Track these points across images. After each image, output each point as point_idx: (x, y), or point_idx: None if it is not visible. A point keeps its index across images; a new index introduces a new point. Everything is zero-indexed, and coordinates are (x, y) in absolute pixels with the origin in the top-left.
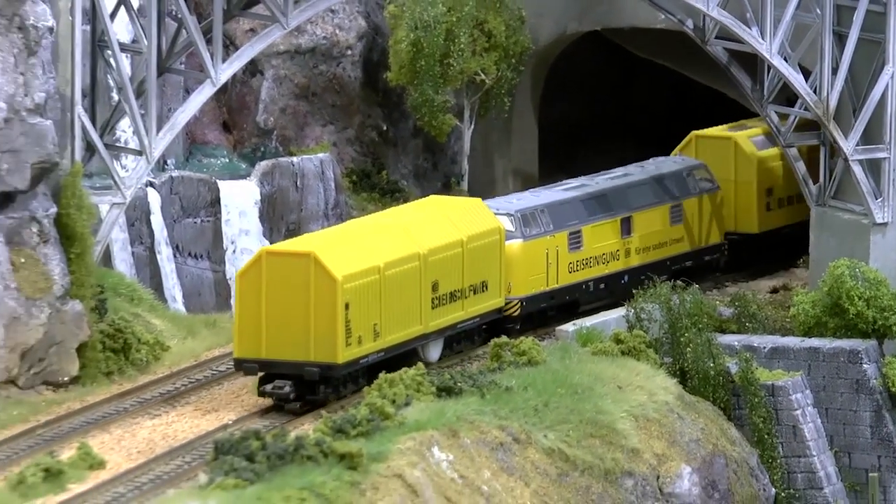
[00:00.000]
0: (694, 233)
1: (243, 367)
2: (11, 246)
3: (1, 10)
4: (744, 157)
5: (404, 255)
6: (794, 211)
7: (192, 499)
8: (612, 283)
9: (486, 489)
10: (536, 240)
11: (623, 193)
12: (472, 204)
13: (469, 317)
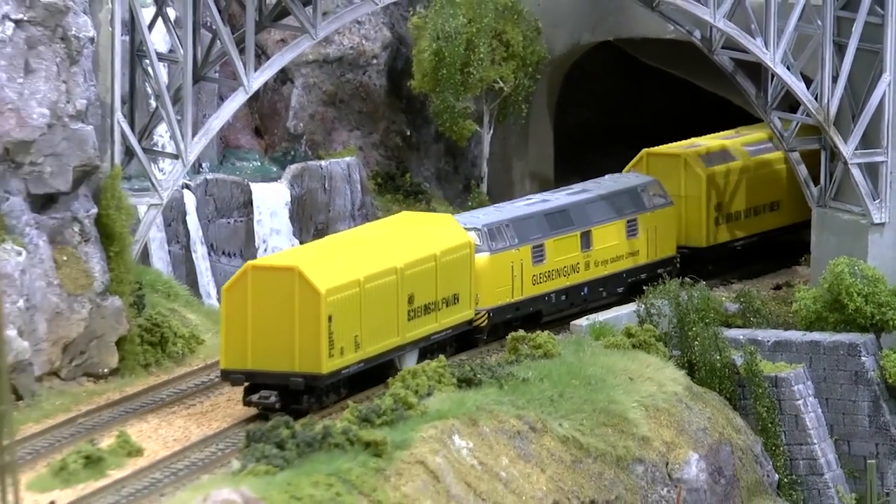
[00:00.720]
0: (648, 246)
1: (230, 377)
2: (54, 245)
3: (44, 21)
4: (693, 173)
5: (383, 269)
6: (743, 226)
7: (225, 484)
8: (572, 294)
9: (504, 475)
10: (502, 253)
11: (583, 209)
12: (443, 219)
13: (442, 328)
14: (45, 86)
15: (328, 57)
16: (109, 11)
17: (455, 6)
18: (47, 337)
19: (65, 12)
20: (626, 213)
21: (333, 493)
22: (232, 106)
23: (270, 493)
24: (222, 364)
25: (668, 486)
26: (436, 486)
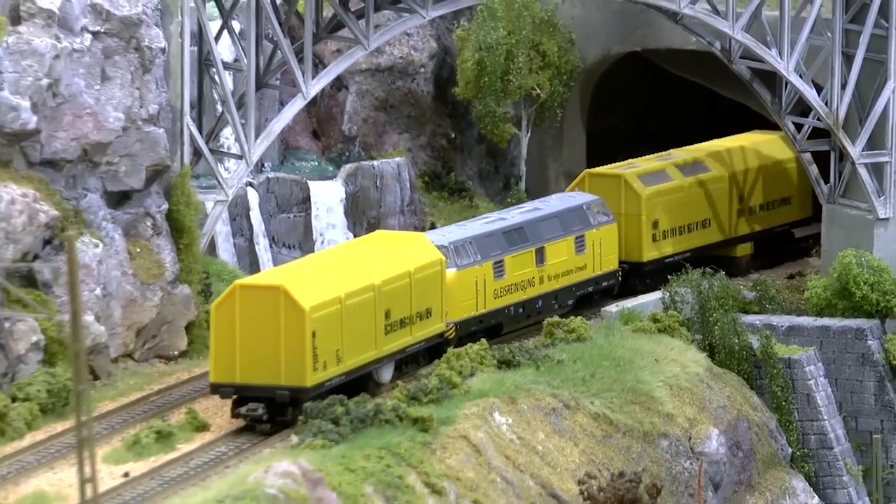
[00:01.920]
0: (594, 261)
1: (219, 390)
2: (129, 238)
3: (119, 33)
4: (632, 192)
5: (361, 287)
6: (677, 242)
7: (284, 457)
8: (528, 307)
9: (541, 448)
10: (467, 269)
11: (536, 226)
12: (415, 238)
13: (416, 341)
14: (121, 92)
15: (380, 66)
16: (179, 24)
17: (496, 19)
18: (122, 322)
19: (138, 25)
20: (575, 230)
21: (384, 465)
22: (291, 111)
23: (326, 465)
24: (212, 378)
25: (691, 458)
26: (478, 459)
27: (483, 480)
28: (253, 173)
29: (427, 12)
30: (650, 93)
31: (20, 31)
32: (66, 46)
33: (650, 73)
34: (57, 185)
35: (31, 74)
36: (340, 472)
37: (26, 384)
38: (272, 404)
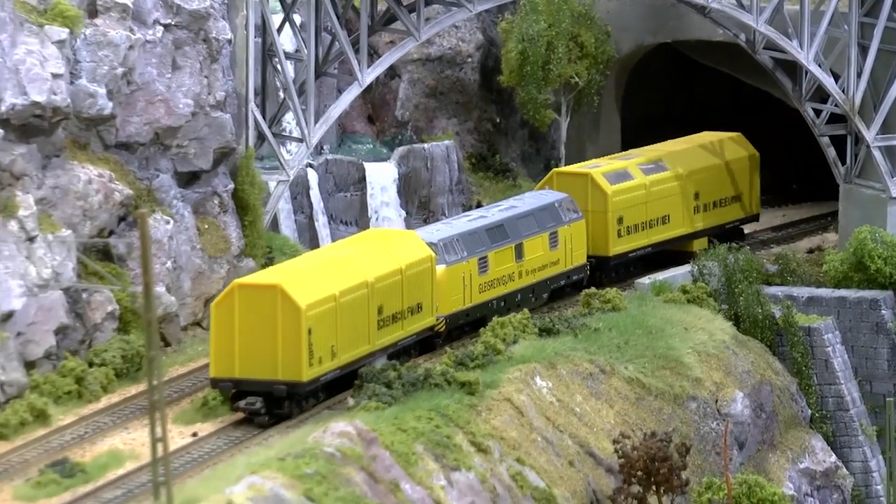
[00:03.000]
0: (566, 256)
1: (219, 385)
2: (197, 215)
3: (189, 25)
4: (598, 190)
5: (355, 284)
6: (640, 237)
7: (342, 419)
8: (509, 300)
9: (578, 410)
10: (455, 265)
11: (515, 223)
12: (406, 235)
13: (408, 335)
14: (190, 80)
15: (430, 56)
16: (244, 17)
17: (537, 13)
18: (191, 293)
19: (206, 18)
20: (549, 227)
21: (433, 425)
22: (348, 97)
23: (380, 425)
24: (212, 373)
25: (717, 419)
26: (520, 420)
27: (525, 440)
28: (313, 155)
29: (474, 6)
30: (679, 81)
31: (97, 24)
32: (139, 38)
33: (680, 63)
34: (131, 167)
35: (107, 64)
36: (393, 431)
37: (102, 350)
38: (270, 398)
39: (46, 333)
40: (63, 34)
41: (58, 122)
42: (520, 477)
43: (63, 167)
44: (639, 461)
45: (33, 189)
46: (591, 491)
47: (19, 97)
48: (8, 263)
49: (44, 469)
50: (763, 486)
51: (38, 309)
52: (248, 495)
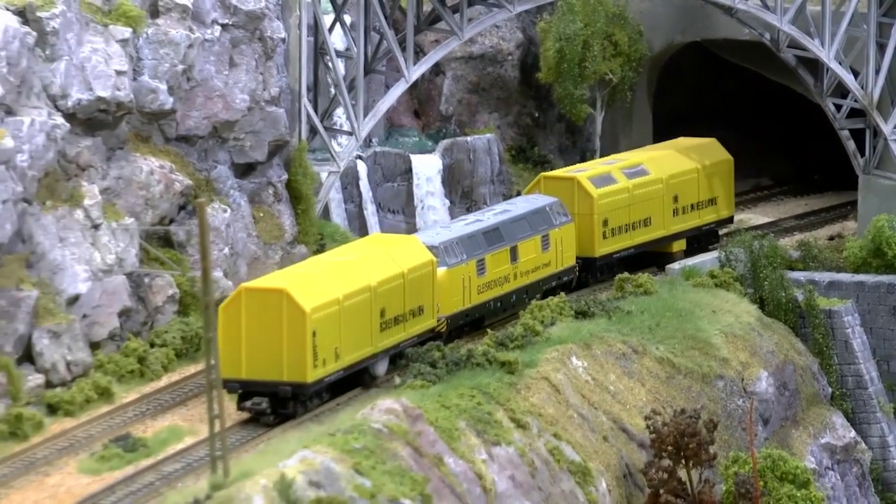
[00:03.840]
0: (556, 258)
1: (226, 386)
2: (253, 204)
3: (245, 25)
4: (584, 194)
5: (359, 288)
6: (623, 239)
7: (389, 396)
8: (505, 301)
9: (612, 388)
10: (456, 267)
11: (510, 227)
12: (408, 240)
13: (409, 337)
14: (246, 77)
15: (472, 54)
16: (298, 17)
17: (574, 13)
18: (247, 277)
19: (262, 18)
20: (541, 230)
21: (475, 402)
22: (395, 93)
23: (424, 402)
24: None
25: (743, 397)
26: (557, 397)
27: (562, 416)
28: (362, 148)
29: (514, 7)
30: (708, 77)
31: (158, 24)
32: (198, 37)
33: (708, 61)
34: (190, 158)
35: (167, 61)
36: (437, 408)
37: (163, 332)
38: (275, 399)
39: (110, 316)
40: (126, 33)
41: (121, 116)
42: (557, 451)
43: (126, 159)
44: (669, 436)
45: (98, 179)
46: (623, 464)
47: (85, 93)
48: (74, 250)
49: (107, 444)
50: (786, 460)
51: (102, 293)
52: (300, 469)
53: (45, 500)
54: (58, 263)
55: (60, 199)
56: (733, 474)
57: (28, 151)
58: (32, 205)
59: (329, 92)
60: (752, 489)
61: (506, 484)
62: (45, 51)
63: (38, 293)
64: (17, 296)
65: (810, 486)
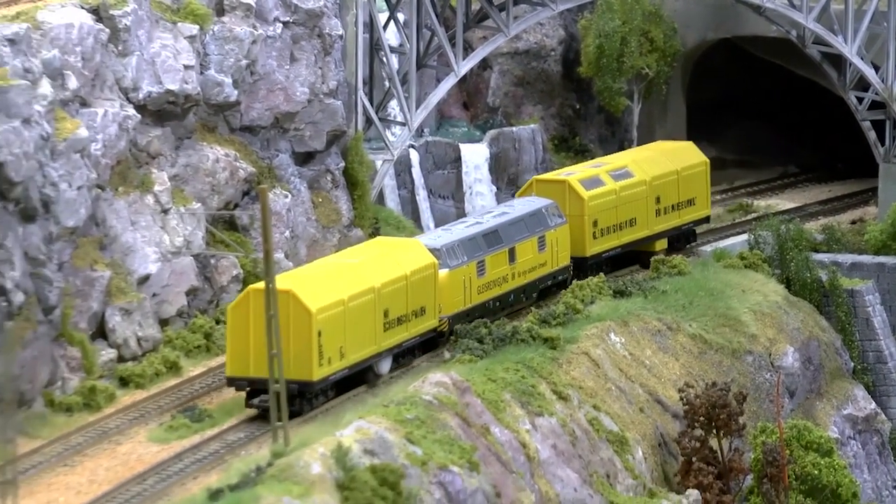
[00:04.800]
0: (552, 258)
1: (235, 383)
2: (312, 190)
3: (305, 22)
4: (575, 196)
5: (363, 289)
6: (611, 239)
7: (438, 370)
8: (503, 300)
9: (648, 362)
10: (457, 269)
11: (508, 229)
12: (411, 243)
13: (411, 336)
14: (306, 71)
15: (518, 49)
16: (354, 15)
17: (613, 12)
18: (307, 259)
19: (321, 16)
20: (537, 231)
21: (519, 376)
22: (446, 86)
23: (472, 376)
24: (228, 372)
25: (771, 371)
26: (596, 371)
27: (601, 389)
28: (414, 137)
29: (556, 5)
30: (738, 72)
31: (224, 21)
32: (261, 33)
33: (738, 56)
34: (253, 147)
35: (232, 56)
36: (484, 381)
37: None
38: None
39: (178, 294)
40: (194, 30)
41: (189, 107)
42: (596, 422)
43: (194, 147)
44: (701, 408)
45: (167, 167)
46: (658, 434)
47: (155, 86)
48: (145, 233)
49: (175, 414)
50: (811, 430)
51: (171, 273)
52: (355, 437)
53: (116, 467)
54: (129, 245)
55: (132, 186)
56: (761, 443)
57: (102, 141)
58: (106, 191)
59: (384, 85)
60: (778, 457)
61: (548, 452)
62: (117, 46)
63: (111, 273)
64: (91, 276)
65: (833, 454)
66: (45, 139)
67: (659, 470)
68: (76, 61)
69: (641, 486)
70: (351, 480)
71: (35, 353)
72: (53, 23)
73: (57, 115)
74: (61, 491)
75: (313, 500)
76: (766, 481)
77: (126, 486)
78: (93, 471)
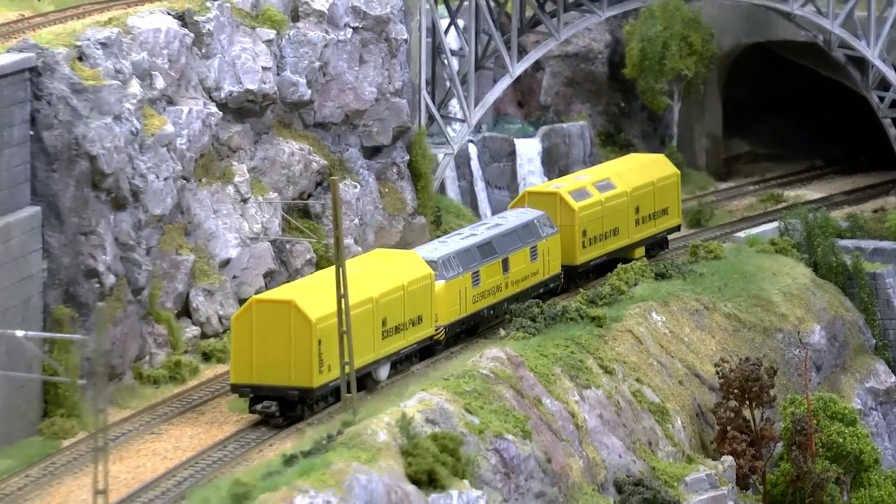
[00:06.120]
0: (544, 267)
1: (238, 390)
2: (379, 181)
3: (373, 27)
4: (566, 207)
5: (362, 299)
6: (598, 247)
7: (495, 346)
8: (497, 309)
9: (687, 339)
10: (453, 280)
11: (502, 240)
12: (409, 255)
13: (409, 344)
14: (374, 72)
15: (568, 53)
16: (418, 21)
17: (655, 18)
18: (374, 244)
19: (387, 22)
20: (529, 242)
21: (569, 351)
22: (501, 86)
23: (525, 351)
24: (232, 379)
25: (799, 347)
26: (639, 347)
27: (643, 363)
28: (473, 133)
29: (603, 12)
30: (769, 73)
31: (298, 26)
32: (333, 38)
33: (769, 58)
34: (325, 142)
35: (306, 59)
36: (536, 357)
37: None
38: (283, 402)
39: (257, 276)
40: (271, 35)
41: (266, 105)
42: (639, 393)
43: (271, 142)
44: (735, 381)
45: (247, 160)
46: (696, 405)
47: (235, 86)
48: (226, 220)
49: None
50: (836, 401)
51: (250, 257)
52: (418, 408)
53: (199, 435)
54: (212, 232)
55: (214, 177)
56: (790, 414)
57: (186, 136)
58: (190, 181)
59: (445, 85)
60: (806, 426)
61: (595, 421)
62: (201, 49)
63: (194, 257)
64: (177, 259)
65: (857, 423)
66: (134, 134)
67: (696, 438)
68: (163, 63)
69: (680, 453)
70: (414, 447)
71: (125, 331)
72: (142, 28)
73: (145, 112)
74: (149, 456)
75: (379, 465)
76: (794, 448)
77: (208, 452)
78: (178, 438)
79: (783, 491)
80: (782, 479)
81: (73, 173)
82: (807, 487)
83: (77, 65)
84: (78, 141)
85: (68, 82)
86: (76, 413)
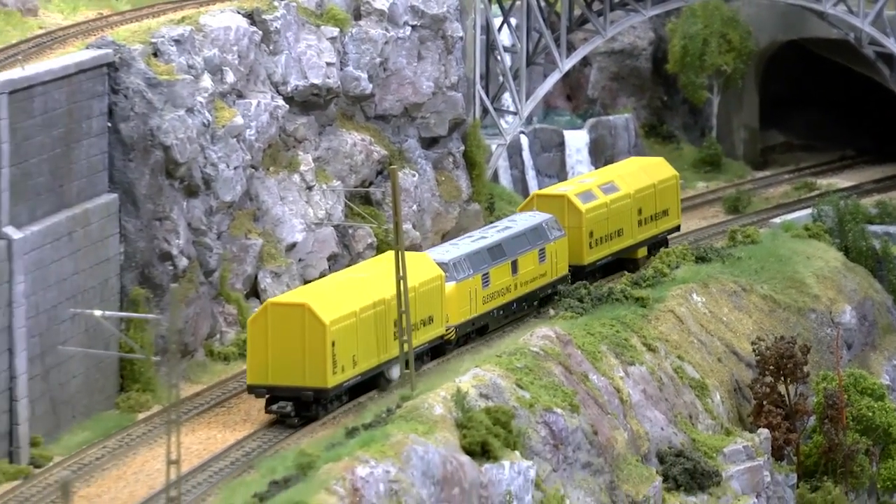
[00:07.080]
0: (551, 268)
1: (255, 391)
2: (436, 170)
3: (430, 26)
4: (573, 209)
5: (374, 301)
6: (604, 248)
7: (545, 325)
8: (507, 309)
9: (725, 319)
10: (463, 281)
11: (511, 242)
12: (420, 257)
13: (420, 344)
14: (431, 68)
15: (614, 49)
16: (473, 20)
17: (696, 17)
18: (431, 229)
19: (444, 20)
20: (538, 244)
21: (614, 330)
22: (551, 81)
23: (573, 330)
24: (248, 380)
25: (831, 327)
26: (681, 326)
27: (684, 341)
28: (524, 125)
29: (647, 11)
30: (803, 68)
31: (360, 24)
32: (392, 35)
33: (803, 55)
34: (385, 133)
35: (368, 55)
36: (583, 335)
37: None
38: (299, 402)
39: (321, 259)
40: (335, 32)
41: (330, 99)
42: (680, 370)
43: (334, 133)
44: (771, 358)
45: (312, 150)
46: (734, 381)
47: (301, 80)
48: (293, 206)
49: None
50: (865, 377)
51: (314, 241)
52: (472, 383)
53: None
54: (279, 217)
55: (281, 166)
56: (823, 389)
57: (255, 127)
58: (258, 170)
59: (498, 80)
60: (838, 401)
61: (639, 396)
62: (268, 46)
63: (262, 241)
64: (246, 243)
65: (885, 398)
66: (206, 126)
67: (734, 412)
68: (233, 59)
69: (719, 426)
70: (468, 420)
71: (197, 310)
72: (213, 25)
73: (216, 105)
74: (219, 428)
75: (436, 437)
76: (826, 422)
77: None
78: (246, 412)
79: (816, 461)
80: (815, 450)
81: (148, 162)
82: (838, 458)
83: (152, 60)
84: (153, 132)
85: (144, 77)
86: (151, 388)
